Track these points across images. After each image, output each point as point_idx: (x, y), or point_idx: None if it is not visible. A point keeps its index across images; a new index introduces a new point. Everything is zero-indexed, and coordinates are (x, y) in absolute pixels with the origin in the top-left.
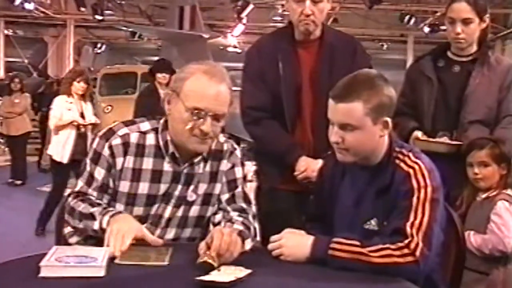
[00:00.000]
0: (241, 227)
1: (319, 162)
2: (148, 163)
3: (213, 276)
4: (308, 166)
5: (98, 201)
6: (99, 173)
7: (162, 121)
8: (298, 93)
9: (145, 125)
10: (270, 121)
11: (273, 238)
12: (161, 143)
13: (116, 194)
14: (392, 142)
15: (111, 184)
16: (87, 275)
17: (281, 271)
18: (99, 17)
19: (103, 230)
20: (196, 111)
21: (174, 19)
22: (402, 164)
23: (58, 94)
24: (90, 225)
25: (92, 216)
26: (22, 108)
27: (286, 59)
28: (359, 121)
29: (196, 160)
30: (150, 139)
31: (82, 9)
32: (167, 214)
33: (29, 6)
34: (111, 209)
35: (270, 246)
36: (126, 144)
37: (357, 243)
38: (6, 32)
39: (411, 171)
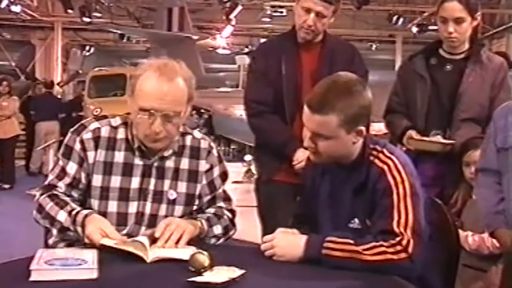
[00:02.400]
0: (208, 215)
1: None
2: (119, 157)
3: (206, 277)
4: (307, 156)
5: (64, 198)
6: (71, 167)
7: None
8: (298, 91)
9: (116, 120)
10: (271, 115)
11: (265, 238)
12: (129, 137)
13: (90, 189)
14: (366, 139)
15: (83, 179)
16: (79, 278)
17: (275, 271)
18: (87, 20)
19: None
20: (144, 111)
21: (162, 20)
22: (376, 160)
23: (46, 96)
24: (57, 226)
25: (60, 223)
26: (11, 111)
27: (288, 59)
28: (332, 132)
29: (166, 154)
30: (121, 133)
31: (70, 11)
32: (147, 210)
33: (16, 8)
34: (78, 209)
35: (263, 247)
36: (97, 138)
37: (351, 241)
38: None
39: (385, 167)
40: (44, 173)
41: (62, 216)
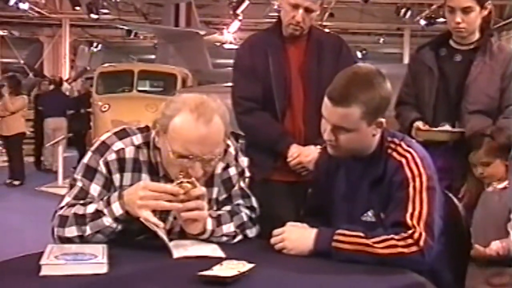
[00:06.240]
0: (219, 213)
1: (311, 148)
2: (145, 179)
3: (216, 271)
4: (301, 152)
5: (89, 199)
6: (95, 189)
7: (153, 135)
8: (288, 85)
9: (138, 138)
10: (261, 111)
11: (275, 231)
12: (153, 161)
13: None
14: (384, 132)
15: None
16: (89, 272)
17: (285, 265)
18: (94, 16)
19: (118, 219)
20: (182, 157)
21: (169, 16)
22: (394, 154)
23: (53, 93)
24: (100, 223)
25: (98, 213)
26: (15, 109)
27: (275, 54)
28: (354, 125)
29: None
30: (144, 155)
31: (77, 8)
32: (167, 226)
33: (24, 6)
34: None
35: (272, 240)
36: (121, 160)
37: (361, 234)
38: (1, 32)
39: (403, 160)
40: (53, 169)
41: (91, 208)
